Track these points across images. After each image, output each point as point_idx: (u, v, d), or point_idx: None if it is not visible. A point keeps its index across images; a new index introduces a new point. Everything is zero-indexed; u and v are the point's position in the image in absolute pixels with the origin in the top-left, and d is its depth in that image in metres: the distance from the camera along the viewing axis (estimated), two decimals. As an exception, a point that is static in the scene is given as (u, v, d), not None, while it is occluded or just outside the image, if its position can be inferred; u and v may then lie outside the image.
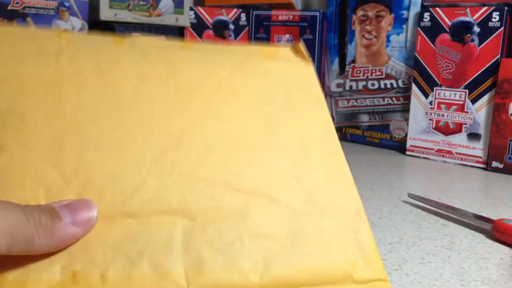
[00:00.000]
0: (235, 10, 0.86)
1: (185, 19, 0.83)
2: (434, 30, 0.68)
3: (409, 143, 0.73)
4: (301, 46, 0.34)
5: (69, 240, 0.22)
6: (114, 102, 0.27)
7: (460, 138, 0.68)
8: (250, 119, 0.30)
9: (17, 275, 0.21)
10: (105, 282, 0.22)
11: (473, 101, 0.66)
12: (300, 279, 0.25)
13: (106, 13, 0.78)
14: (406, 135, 0.74)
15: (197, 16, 0.85)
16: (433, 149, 0.70)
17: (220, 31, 0.86)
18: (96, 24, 0.78)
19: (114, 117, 0.27)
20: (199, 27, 0.85)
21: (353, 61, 0.79)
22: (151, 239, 0.24)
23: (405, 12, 0.73)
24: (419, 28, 0.69)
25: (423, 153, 0.71)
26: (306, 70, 0.33)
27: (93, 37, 0.30)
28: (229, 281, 0.24)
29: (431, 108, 0.70)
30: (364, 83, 0.78)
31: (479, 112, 0.66)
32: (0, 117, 0.25)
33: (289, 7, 0.83)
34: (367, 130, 0.79)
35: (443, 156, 0.69)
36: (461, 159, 0.68)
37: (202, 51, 0.32)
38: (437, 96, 0.69)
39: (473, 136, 0.67)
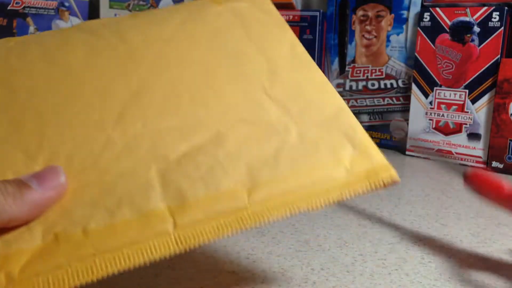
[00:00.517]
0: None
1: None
2: (434, 30, 0.68)
3: (409, 143, 0.73)
4: None
5: (42, 205, 0.22)
6: (65, 78, 0.28)
7: (460, 138, 0.68)
8: (211, 59, 0.30)
9: None
10: (88, 236, 0.22)
11: (473, 101, 0.66)
12: (290, 186, 0.24)
13: (106, 13, 0.78)
14: (406, 135, 0.74)
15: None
16: (433, 149, 0.70)
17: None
18: (96, 24, 0.78)
19: (68, 92, 0.27)
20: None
21: (353, 61, 0.79)
22: (128, 188, 0.23)
23: (405, 12, 0.73)
24: (419, 28, 0.69)
25: (423, 153, 0.71)
26: (261, 2, 0.34)
27: (43, 32, 0.31)
28: (216, 205, 0.23)
29: (431, 108, 0.70)
30: (364, 83, 0.78)
31: (479, 112, 0.66)
32: None
33: (289, 7, 0.83)
34: (367, 130, 0.79)
35: (443, 156, 0.69)
36: (461, 159, 0.68)
37: (151, 15, 0.32)
38: (437, 96, 0.69)
39: (473, 136, 0.67)
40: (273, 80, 0.29)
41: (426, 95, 0.70)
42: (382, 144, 0.78)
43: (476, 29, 0.64)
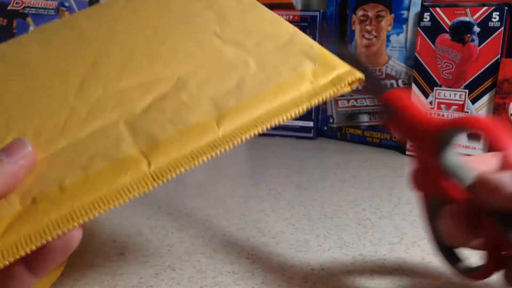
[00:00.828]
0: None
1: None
2: (434, 30, 0.68)
3: (409, 143, 0.73)
4: None
5: (15, 175, 0.23)
6: (23, 71, 0.29)
7: (460, 138, 0.68)
8: (160, 23, 0.31)
9: None
10: (64, 191, 0.22)
11: (473, 101, 0.66)
12: (258, 107, 0.25)
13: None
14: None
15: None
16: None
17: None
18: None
19: (27, 81, 0.29)
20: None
21: (353, 61, 0.79)
22: (99, 145, 0.24)
23: (405, 12, 0.73)
24: (419, 28, 0.69)
25: (423, 153, 0.71)
26: None
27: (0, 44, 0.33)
28: (187, 138, 0.24)
29: (431, 108, 0.70)
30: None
31: (479, 112, 0.66)
32: None
33: (289, 7, 0.83)
34: (367, 130, 0.79)
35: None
36: (461, 159, 0.68)
37: (99, 6, 0.35)
38: (437, 96, 0.69)
39: (473, 136, 0.67)
40: (223, 25, 0.30)
41: (426, 95, 0.70)
42: (382, 144, 0.77)
43: (476, 29, 0.64)
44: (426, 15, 0.69)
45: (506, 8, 0.63)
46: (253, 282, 0.32)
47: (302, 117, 0.82)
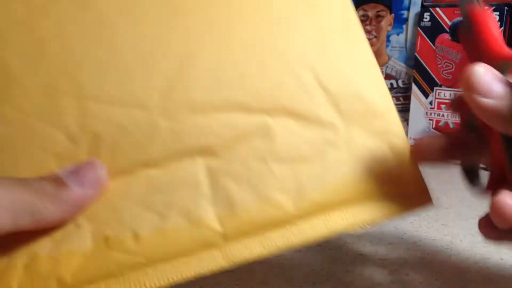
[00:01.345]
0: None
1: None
2: (434, 30, 0.68)
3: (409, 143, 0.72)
4: None
5: (80, 203, 0.21)
6: (100, 32, 0.24)
7: (460, 138, 0.68)
8: (260, 22, 0.25)
9: (47, 251, 0.20)
10: (139, 243, 0.21)
11: (473, 101, 0.66)
12: (339, 198, 0.23)
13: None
14: (406, 135, 0.73)
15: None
16: (433, 149, 0.70)
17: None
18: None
19: (104, 51, 0.23)
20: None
21: (353, 61, 0.79)
22: (177, 188, 0.22)
23: (405, 12, 0.73)
24: (419, 28, 0.69)
25: (423, 153, 0.71)
26: None
27: None
28: (263, 218, 0.22)
29: (431, 108, 0.70)
30: (364, 83, 0.78)
31: (479, 112, 0.66)
32: None
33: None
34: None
35: (443, 156, 0.69)
36: (461, 159, 0.68)
37: None
38: (437, 96, 0.69)
39: None
40: (323, 60, 0.25)
41: (426, 95, 0.70)
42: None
43: (476, 29, 0.64)
44: (426, 15, 0.69)
45: (506, 8, 0.63)
46: (253, 282, 0.32)
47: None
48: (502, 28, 0.63)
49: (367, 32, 0.77)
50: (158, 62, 0.23)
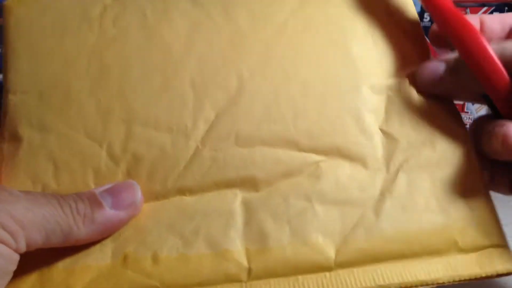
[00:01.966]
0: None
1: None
2: (434, 30, 0.68)
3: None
4: None
5: (113, 226, 0.21)
6: (161, 61, 0.25)
7: (460, 139, 0.68)
8: (323, 58, 0.25)
9: (67, 263, 0.20)
10: (157, 264, 0.20)
11: (473, 101, 0.66)
12: (387, 251, 0.21)
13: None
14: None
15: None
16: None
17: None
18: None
19: (162, 79, 0.24)
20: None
21: (353, 61, 0.79)
22: (208, 215, 0.21)
23: (405, 12, 0.73)
24: (419, 28, 0.69)
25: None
26: None
27: None
28: (297, 259, 0.21)
29: (431, 108, 0.70)
30: (364, 83, 0.78)
31: (479, 112, 0.66)
32: (45, 96, 0.23)
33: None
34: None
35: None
36: (461, 160, 0.67)
37: None
38: (437, 96, 0.69)
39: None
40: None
41: (426, 95, 0.70)
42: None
43: (476, 29, 0.64)
44: (426, 15, 0.68)
45: (506, 8, 0.63)
46: (252, 281, 0.32)
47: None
48: (502, 28, 0.63)
49: (367, 32, 0.76)
50: (212, 93, 0.24)
